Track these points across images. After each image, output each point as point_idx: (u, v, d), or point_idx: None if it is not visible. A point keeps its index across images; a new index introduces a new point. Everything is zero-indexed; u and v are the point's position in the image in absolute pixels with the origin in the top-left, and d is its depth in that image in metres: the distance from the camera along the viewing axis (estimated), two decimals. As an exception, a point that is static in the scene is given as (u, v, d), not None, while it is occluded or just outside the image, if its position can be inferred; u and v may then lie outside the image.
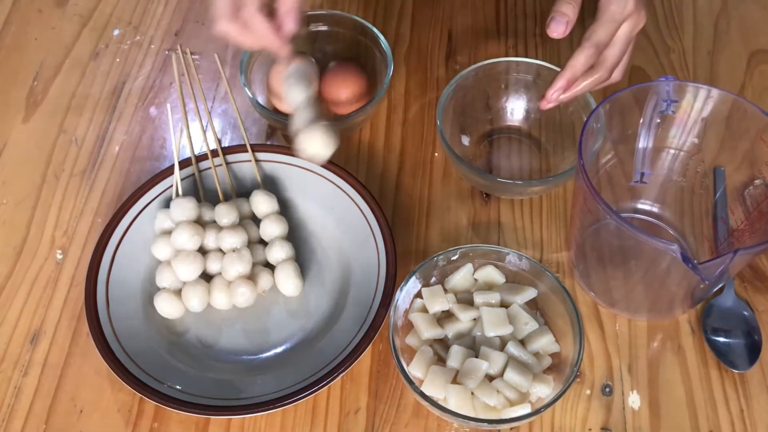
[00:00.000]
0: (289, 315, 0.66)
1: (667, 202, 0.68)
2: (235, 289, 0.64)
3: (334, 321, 0.64)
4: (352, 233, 0.67)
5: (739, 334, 0.62)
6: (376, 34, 0.76)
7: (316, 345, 0.63)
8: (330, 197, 0.69)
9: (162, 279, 0.65)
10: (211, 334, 0.65)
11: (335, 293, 0.66)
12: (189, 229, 0.65)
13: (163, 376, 0.60)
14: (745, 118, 0.59)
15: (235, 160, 0.71)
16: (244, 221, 0.68)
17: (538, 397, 0.57)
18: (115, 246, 0.66)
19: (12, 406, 0.61)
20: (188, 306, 0.64)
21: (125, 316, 0.63)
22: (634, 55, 0.65)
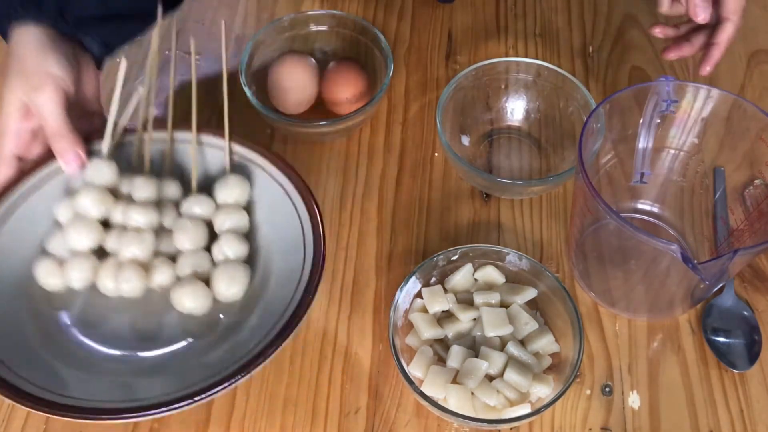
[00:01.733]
0: (184, 318, 0.58)
1: (667, 202, 0.68)
2: (122, 272, 0.56)
3: (234, 333, 0.57)
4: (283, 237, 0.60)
5: (739, 334, 0.62)
6: (376, 34, 0.76)
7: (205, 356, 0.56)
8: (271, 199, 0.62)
9: (51, 243, 0.59)
10: (92, 315, 0.57)
11: (245, 304, 0.58)
12: (96, 194, 0.58)
13: (30, 373, 0.52)
14: (745, 118, 0.59)
15: (179, 139, 0.65)
16: (166, 205, 0.61)
17: (538, 397, 0.57)
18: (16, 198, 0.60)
19: (12, 406, 0.60)
20: (68, 279, 0.57)
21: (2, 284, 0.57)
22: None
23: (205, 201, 0.61)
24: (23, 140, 0.61)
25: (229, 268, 0.58)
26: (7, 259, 0.58)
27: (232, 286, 0.57)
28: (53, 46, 0.60)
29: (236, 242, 0.59)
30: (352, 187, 0.72)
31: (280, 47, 0.78)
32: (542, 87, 0.74)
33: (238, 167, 0.63)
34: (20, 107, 0.60)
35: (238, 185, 0.61)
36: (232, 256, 0.59)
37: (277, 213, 0.61)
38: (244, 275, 0.58)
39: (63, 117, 0.59)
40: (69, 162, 0.60)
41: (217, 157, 0.64)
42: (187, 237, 0.58)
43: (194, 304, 0.56)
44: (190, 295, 0.56)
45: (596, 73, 0.81)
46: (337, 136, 0.76)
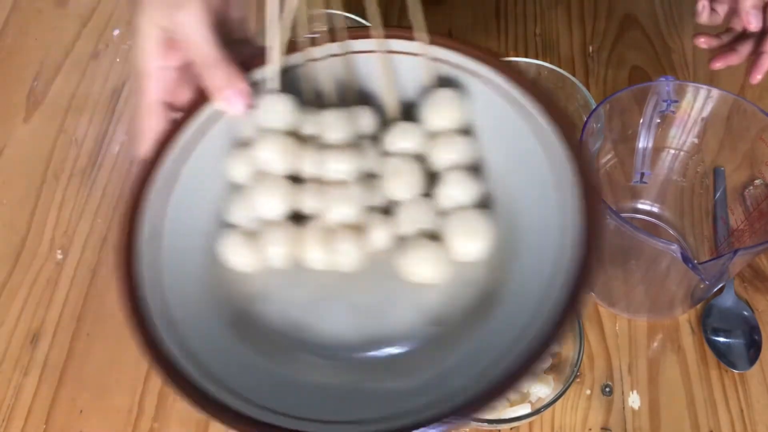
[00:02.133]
0: (415, 296, 0.43)
1: (667, 202, 0.68)
2: (336, 242, 0.43)
3: (484, 317, 0.41)
4: (529, 183, 0.43)
5: (739, 334, 0.62)
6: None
7: (454, 350, 0.40)
8: (503, 122, 0.45)
9: (234, 211, 0.45)
10: (299, 306, 0.43)
11: (491, 273, 0.43)
12: (278, 142, 0.44)
13: (234, 379, 0.38)
14: (745, 118, 0.59)
15: (357, 50, 0.49)
16: (361, 141, 0.46)
17: (538, 397, 0.57)
18: (178, 157, 0.45)
19: (12, 406, 0.61)
20: (267, 255, 0.43)
21: (181, 270, 0.42)
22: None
23: (413, 130, 0.46)
24: (169, 81, 0.47)
25: (465, 217, 0.43)
26: (181, 239, 0.43)
27: (473, 241, 0.42)
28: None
29: (467, 180, 0.44)
30: (352, 188, 0.72)
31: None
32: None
33: (446, 80, 0.47)
34: (161, 38, 0.46)
35: (454, 103, 0.45)
36: (465, 201, 0.44)
37: (511, 138, 0.44)
38: (487, 225, 0.43)
39: (216, 42, 0.46)
40: (230, 100, 0.46)
41: (412, 68, 0.47)
42: (401, 182, 0.44)
43: (431, 270, 0.42)
44: (424, 259, 0.42)
45: (596, 73, 0.81)
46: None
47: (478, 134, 0.46)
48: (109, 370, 0.62)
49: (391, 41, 0.48)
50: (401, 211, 0.44)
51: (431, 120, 0.46)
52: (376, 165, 0.45)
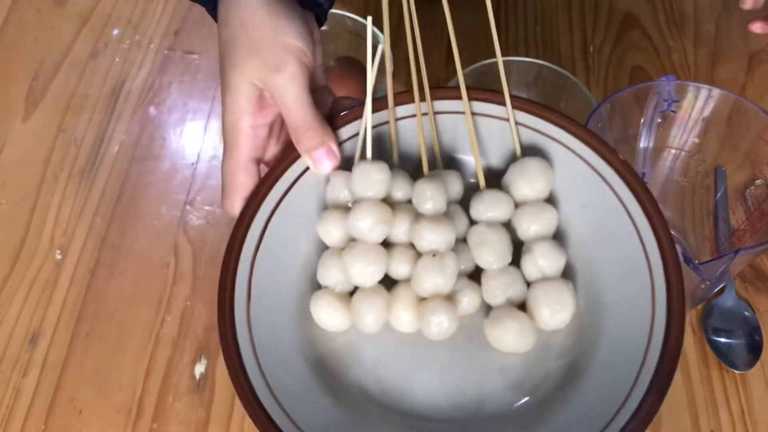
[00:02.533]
0: (501, 363, 0.44)
1: (668, 202, 0.68)
2: (428, 312, 0.43)
3: (569, 389, 0.42)
4: (613, 256, 0.44)
5: (740, 334, 0.62)
6: (377, 34, 0.76)
7: (545, 421, 0.41)
8: (586, 191, 0.46)
9: (327, 273, 0.45)
10: (392, 374, 0.44)
11: (574, 343, 0.44)
12: (374, 213, 0.44)
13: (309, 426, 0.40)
14: (746, 118, 0.59)
15: (440, 110, 0.49)
16: (450, 207, 0.47)
17: (538, 398, 0.57)
18: (267, 215, 0.46)
19: (11, 406, 0.60)
20: (360, 322, 0.45)
21: (270, 326, 0.44)
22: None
23: (502, 199, 0.46)
24: (260, 139, 0.47)
25: (550, 287, 0.44)
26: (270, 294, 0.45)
27: (558, 311, 0.43)
28: (282, 5, 0.46)
29: (554, 251, 0.45)
30: (352, 187, 0.72)
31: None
32: (542, 87, 0.73)
33: (529, 146, 0.48)
34: (253, 96, 0.46)
35: (542, 173, 0.46)
36: (550, 272, 0.45)
37: (594, 209, 0.45)
38: (571, 296, 0.44)
39: (309, 103, 0.46)
40: (320, 160, 0.47)
41: (495, 132, 0.48)
42: (491, 251, 0.45)
43: (519, 340, 0.43)
44: (512, 330, 0.43)
45: (597, 72, 0.81)
46: (337, 136, 0.75)
47: (563, 200, 0.47)
48: (109, 370, 0.62)
49: (475, 103, 0.48)
50: (489, 280, 0.45)
51: (519, 189, 0.46)
52: (464, 230, 0.46)
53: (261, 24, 0.45)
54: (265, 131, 0.48)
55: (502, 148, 0.48)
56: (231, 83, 0.46)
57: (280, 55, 0.45)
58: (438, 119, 0.49)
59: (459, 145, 0.49)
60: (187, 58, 0.83)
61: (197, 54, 0.84)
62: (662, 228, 0.43)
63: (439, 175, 0.47)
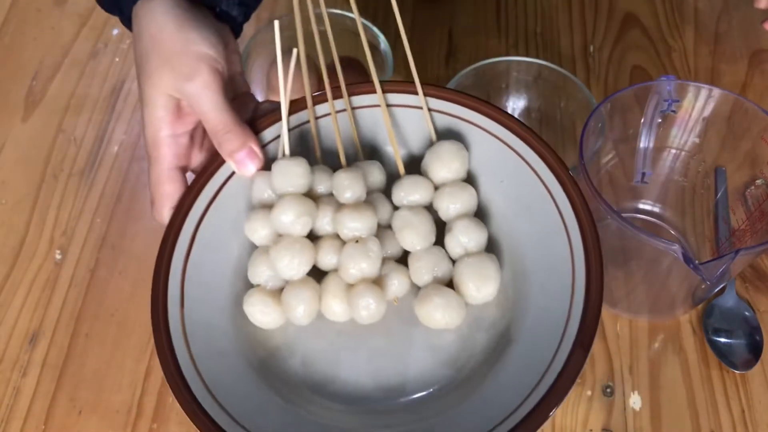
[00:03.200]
0: (432, 340, 0.45)
1: (669, 202, 0.68)
2: (356, 297, 0.45)
3: (498, 358, 0.43)
4: (532, 227, 0.46)
5: (740, 334, 0.62)
6: (376, 34, 0.76)
7: (472, 394, 0.42)
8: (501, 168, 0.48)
9: (257, 272, 0.47)
10: (322, 358, 0.46)
11: (502, 315, 0.46)
12: (296, 206, 0.45)
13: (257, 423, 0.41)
14: (746, 117, 0.59)
15: (359, 105, 0.50)
16: (372, 195, 0.48)
17: (538, 398, 0.57)
18: (196, 221, 0.47)
19: (11, 406, 0.60)
20: (291, 315, 0.46)
21: (205, 326, 0.45)
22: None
23: (421, 183, 0.48)
24: (182, 147, 0.49)
25: (474, 262, 0.45)
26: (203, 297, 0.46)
27: (484, 284, 0.45)
28: (193, 17, 0.47)
29: (474, 229, 0.46)
30: (352, 187, 0.72)
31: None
32: (542, 86, 0.73)
33: (445, 130, 0.49)
34: (170, 107, 0.47)
35: (456, 155, 0.48)
36: (473, 247, 0.46)
37: (512, 184, 0.48)
38: (495, 269, 0.45)
39: (226, 107, 0.47)
40: (244, 163, 0.48)
41: (412, 120, 0.50)
42: (414, 234, 0.46)
43: (448, 316, 0.44)
44: (441, 306, 0.44)
45: (597, 72, 0.81)
46: (337, 136, 0.75)
47: (481, 178, 0.49)
48: (108, 370, 0.62)
49: (390, 95, 0.50)
50: (415, 261, 0.46)
51: (437, 172, 0.48)
52: (388, 217, 0.48)
53: (171, 37, 0.47)
54: (185, 139, 0.49)
55: (420, 136, 0.50)
56: (147, 96, 0.47)
57: (192, 63, 0.46)
58: (358, 114, 0.50)
59: (380, 138, 0.50)
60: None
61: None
62: (575, 192, 0.45)
63: (358, 165, 0.48)
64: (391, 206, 0.48)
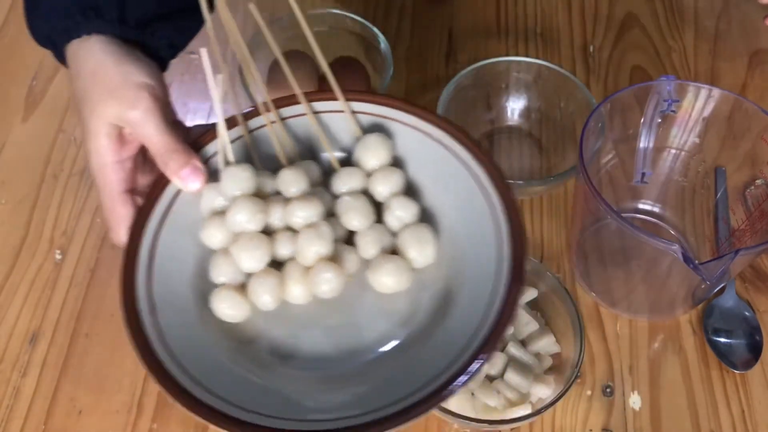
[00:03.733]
0: (384, 305, 0.51)
1: (668, 202, 0.68)
2: (316, 275, 0.49)
3: (444, 313, 0.49)
4: (456, 195, 0.53)
5: (740, 334, 0.62)
6: (376, 34, 0.76)
7: (423, 346, 0.48)
8: (422, 152, 0.55)
9: (219, 272, 0.51)
10: (287, 337, 0.51)
11: (440, 274, 0.51)
12: (249, 205, 0.50)
13: (238, 397, 0.46)
14: (746, 117, 0.59)
15: (288, 115, 0.57)
16: (313, 190, 0.54)
17: (538, 398, 0.57)
18: (151, 239, 0.51)
19: (11, 406, 0.60)
20: (258, 303, 0.50)
21: (178, 327, 0.49)
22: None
23: (355, 172, 0.54)
24: (128, 171, 0.52)
25: (412, 231, 0.51)
26: (172, 303, 0.50)
27: (424, 248, 0.51)
28: (128, 53, 0.52)
29: (407, 203, 0.52)
30: (352, 187, 0.72)
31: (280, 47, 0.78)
32: (542, 86, 0.73)
33: (369, 127, 0.56)
34: (113, 134, 0.51)
35: (381, 145, 0.54)
36: (409, 219, 0.52)
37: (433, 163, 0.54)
38: (431, 234, 0.51)
39: (168, 130, 0.51)
40: (188, 179, 0.52)
41: (338, 122, 0.56)
42: (356, 214, 0.52)
43: (398, 279, 0.50)
44: (391, 272, 0.50)
45: (597, 72, 0.81)
46: (337, 136, 0.75)
47: (407, 164, 0.55)
48: (108, 370, 0.62)
49: (315, 104, 0.57)
50: (361, 238, 0.52)
51: (367, 161, 0.54)
52: (331, 206, 0.53)
53: (111, 71, 0.51)
54: (130, 164, 0.53)
55: (349, 135, 0.56)
56: (91, 127, 0.51)
57: (134, 93, 0.50)
58: (293, 123, 0.56)
59: (315, 142, 0.56)
60: (187, 58, 0.83)
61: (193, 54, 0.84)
62: (486, 158, 0.51)
63: (299, 164, 0.54)
64: (332, 197, 0.54)
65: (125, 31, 0.53)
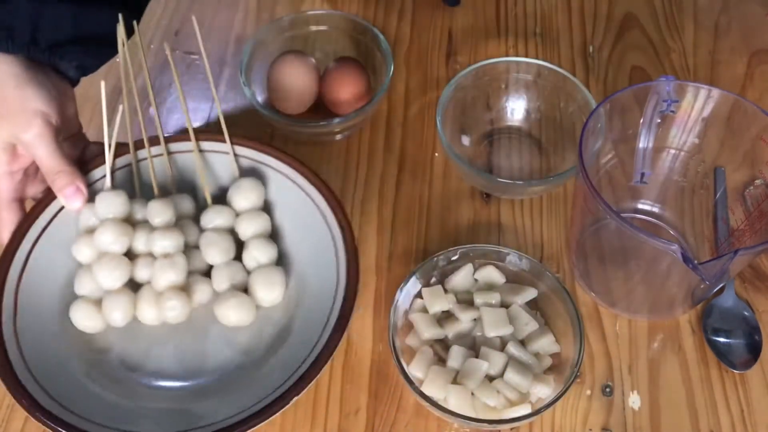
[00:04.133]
0: (228, 335, 0.58)
1: (668, 202, 0.68)
2: (165, 301, 0.56)
3: (280, 345, 0.57)
4: (311, 244, 0.60)
5: (739, 334, 0.62)
6: (376, 34, 0.76)
7: (257, 373, 0.56)
8: (290, 200, 0.62)
9: (81, 285, 0.57)
10: (136, 353, 0.57)
11: (285, 313, 0.59)
12: (115, 228, 0.56)
13: (76, 403, 0.52)
14: (745, 118, 0.59)
15: (178, 150, 0.63)
16: (183, 221, 0.60)
17: (538, 398, 0.57)
18: (31, 243, 0.58)
19: (11, 406, 0.60)
20: (109, 319, 0.56)
21: (36, 329, 0.55)
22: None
23: (224, 211, 0.60)
24: (17, 182, 0.59)
25: (264, 272, 0.58)
26: (35, 306, 0.56)
27: (271, 290, 0.57)
28: (31, 77, 0.57)
29: (265, 246, 0.58)
30: (352, 187, 0.72)
31: (280, 47, 0.78)
32: (542, 87, 0.74)
33: (248, 170, 0.62)
34: (7, 148, 0.58)
35: (253, 189, 0.60)
36: (264, 261, 0.58)
37: (297, 211, 0.61)
38: (281, 277, 0.58)
39: (57, 153, 0.58)
40: (71, 198, 0.58)
41: (222, 162, 0.63)
42: (216, 250, 0.58)
43: (240, 315, 0.56)
44: (234, 307, 0.56)
45: (597, 72, 0.81)
46: (337, 136, 0.76)
47: (276, 208, 0.62)
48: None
49: (203, 143, 0.63)
50: (216, 272, 0.58)
51: (237, 202, 0.60)
52: (196, 238, 0.59)
53: (10, 94, 0.56)
54: (20, 175, 0.59)
55: (229, 174, 0.62)
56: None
57: (27, 118, 0.56)
58: (180, 157, 0.63)
59: (197, 176, 0.63)
60: (187, 59, 0.84)
61: (197, 54, 0.84)
62: (339, 210, 0.59)
63: (171, 197, 0.60)
64: (199, 230, 0.60)
65: (34, 53, 0.58)
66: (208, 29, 0.86)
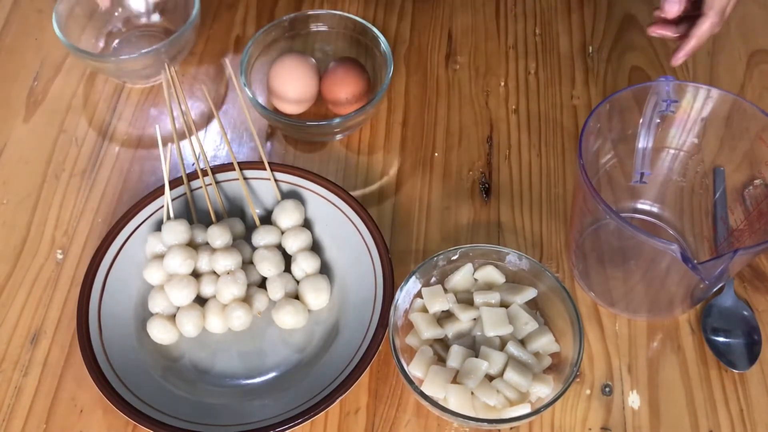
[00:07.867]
0: (285, 337, 0.65)
1: (667, 202, 0.68)
2: (230, 312, 0.63)
3: (330, 343, 0.63)
4: (349, 253, 0.67)
5: (738, 333, 0.63)
6: (376, 34, 0.76)
7: (312, 369, 0.62)
8: (326, 216, 0.69)
9: (155, 304, 0.64)
10: (206, 358, 0.64)
11: (332, 314, 0.65)
12: (181, 253, 0.63)
13: (159, 403, 0.59)
14: (744, 118, 0.59)
15: (224, 179, 0.71)
16: (237, 241, 0.67)
17: (537, 397, 0.57)
18: (106, 271, 0.65)
19: (12, 406, 0.61)
20: (183, 331, 0.63)
21: (119, 344, 0.62)
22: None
23: (272, 230, 0.67)
24: None
25: (311, 281, 0.65)
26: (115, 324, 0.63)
27: (319, 295, 0.64)
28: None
29: (310, 257, 0.66)
30: (351, 187, 0.72)
31: (280, 47, 0.78)
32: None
33: (288, 192, 0.70)
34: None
35: (295, 209, 0.67)
36: (310, 270, 0.65)
37: (333, 225, 0.68)
38: (327, 284, 0.65)
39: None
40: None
41: (265, 187, 0.70)
42: (269, 264, 0.65)
43: (296, 318, 0.63)
44: (290, 312, 0.63)
45: (596, 72, 0.81)
46: (337, 136, 0.76)
47: (315, 224, 0.69)
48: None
49: (246, 171, 0.70)
50: (271, 283, 0.65)
51: (282, 221, 0.68)
52: (250, 255, 0.67)
53: None
54: None
55: (271, 199, 0.70)
56: None
57: None
58: (227, 185, 0.71)
59: (244, 202, 0.71)
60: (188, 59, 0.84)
61: (197, 54, 0.84)
62: (372, 227, 0.66)
63: (225, 221, 0.68)
64: (251, 248, 0.67)
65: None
66: (208, 30, 0.86)
